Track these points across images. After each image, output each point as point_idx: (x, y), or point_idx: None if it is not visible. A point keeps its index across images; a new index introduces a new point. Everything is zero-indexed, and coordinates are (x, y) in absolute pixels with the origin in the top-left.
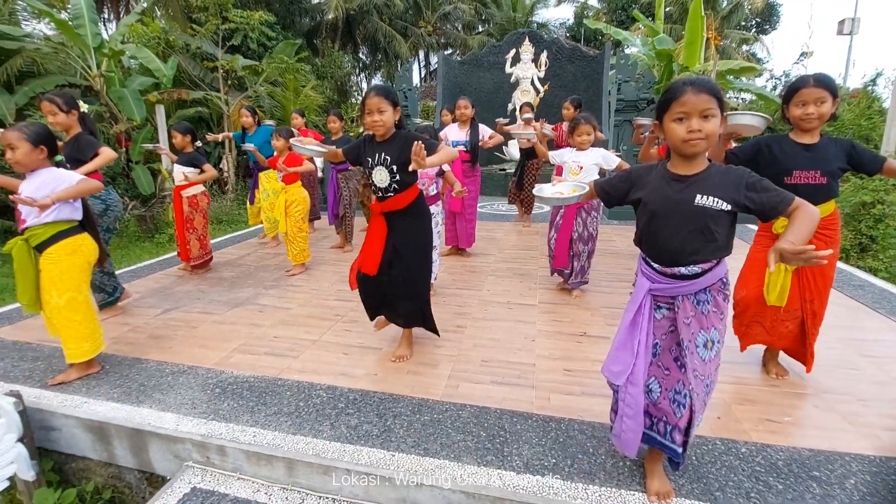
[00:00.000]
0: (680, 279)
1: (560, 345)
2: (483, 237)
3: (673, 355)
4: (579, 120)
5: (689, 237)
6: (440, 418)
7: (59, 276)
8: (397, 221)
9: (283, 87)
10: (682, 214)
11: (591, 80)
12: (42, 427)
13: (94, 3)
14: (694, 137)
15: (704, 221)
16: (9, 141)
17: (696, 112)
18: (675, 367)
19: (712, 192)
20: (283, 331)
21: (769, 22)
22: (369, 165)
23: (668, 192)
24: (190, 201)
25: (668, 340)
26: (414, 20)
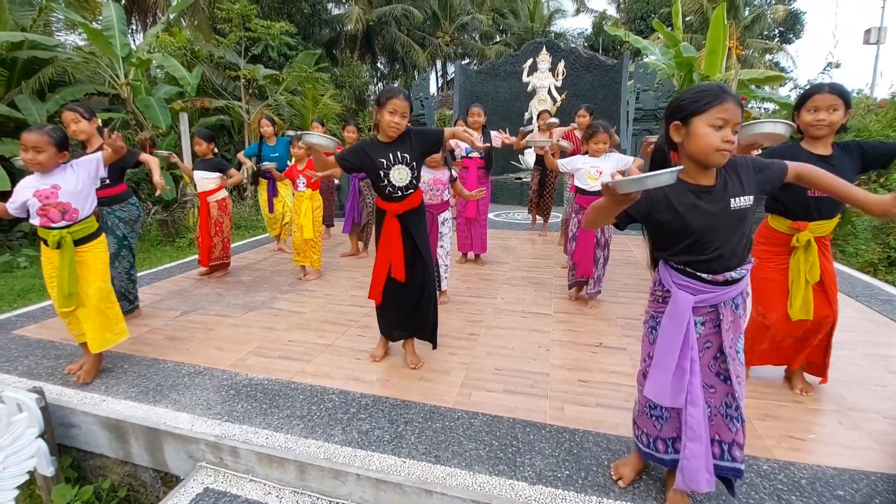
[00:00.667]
0: (730, 284)
1: (575, 355)
2: (498, 245)
3: (714, 370)
4: (598, 128)
5: (736, 241)
6: (452, 426)
7: (102, 267)
8: (412, 221)
9: (303, 96)
10: (726, 223)
11: (609, 90)
12: (62, 424)
13: (123, 15)
14: (728, 148)
15: (742, 222)
16: (34, 143)
17: (733, 123)
18: (720, 382)
19: (739, 192)
20: (297, 335)
21: (793, 31)
22: (384, 167)
23: (704, 207)
24: (219, 205)
25: (706, 357)
26: (432, 30)
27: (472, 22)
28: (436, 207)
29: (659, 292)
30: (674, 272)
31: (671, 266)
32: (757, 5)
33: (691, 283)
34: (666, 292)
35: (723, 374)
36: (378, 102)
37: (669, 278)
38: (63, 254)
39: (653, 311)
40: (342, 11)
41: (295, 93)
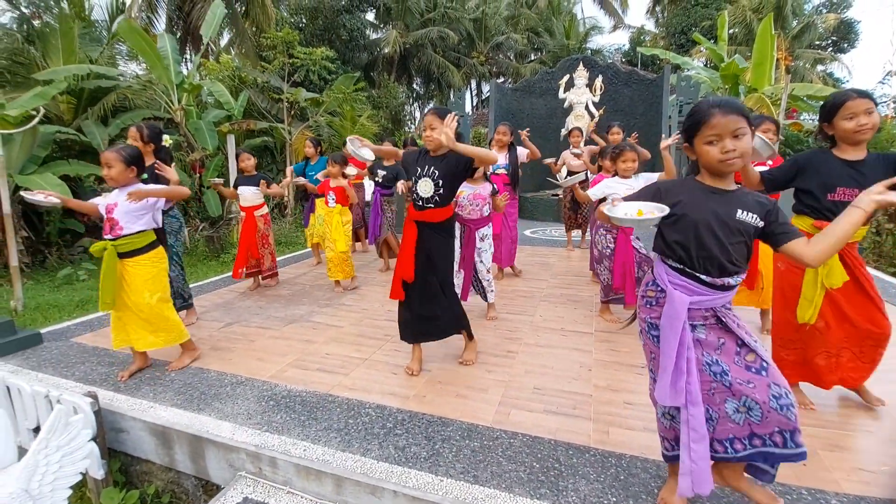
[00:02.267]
0: (724, 290)
1: (619, 376)
2: (535, 262)
3: (742, 365)
4: (624, 147)
5: (734, 249)
6: (490, 445)
7: (152, 279)
8: (429, 234)
9: (341, 117)
10: (728, 227)
11: (650, 104)
12: (113, 428)
13: (177, 46)
14: (730, 157)
15: (744, 235)
16: (107, 160)
17: (728, 133)
18: (755, 375)
19: (750, 209)
20: (334, 348)
21: (846, 40)
22: (417, 174)
23: (711, 205)
24: (265, 219)
25: (728, 354)
26: (467, 51)
27: (506, 42)
28: (475, 222)
29: (651, 293)
30: (671, 271)
31: (668, 265)
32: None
33: (687, 282)
34: (659, 292)
35: (754, 367)
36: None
37: (665, 277)
38: (105, 261)
39: (646, 316)
40: (380, 36)
41: (334, 114)
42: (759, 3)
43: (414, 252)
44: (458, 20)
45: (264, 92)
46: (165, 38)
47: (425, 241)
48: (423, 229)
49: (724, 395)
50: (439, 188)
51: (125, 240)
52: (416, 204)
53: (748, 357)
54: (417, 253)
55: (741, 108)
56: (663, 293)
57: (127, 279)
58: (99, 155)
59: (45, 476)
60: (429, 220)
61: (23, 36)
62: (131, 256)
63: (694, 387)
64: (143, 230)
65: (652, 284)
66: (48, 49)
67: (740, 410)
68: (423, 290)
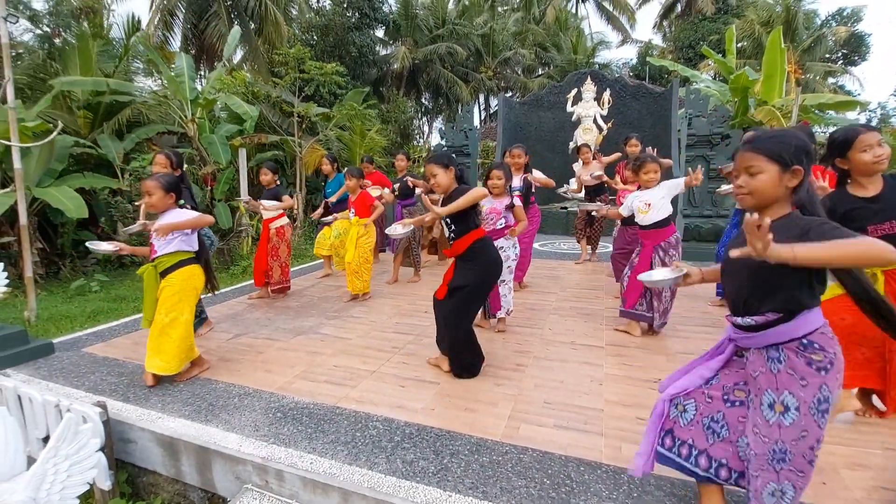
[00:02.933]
0: (742, 329)
1: (631, 391)
2: (544, 275)
3: (724, 390)
4: (645, 159)
5: (749, 287)
6: (500, 460)
7: (171, 297)
8: (458, 263)
9: (351, 131)
10: (742, 263)
11: (658, 117)
12: (121, 439)
13: (192, 63)
14: (738, 192)
15: (763, 271)
16: (148, 189)
17: (741, 169)
18: (720, 400)
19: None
20: (342, 360)
21: (857, 52)
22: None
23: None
24: (277, 232)
25: (730, 378)
26: (475, 66)
27: (514, 57)
28: (491, 234)
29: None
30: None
31: None
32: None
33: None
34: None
35: (728, 397)
36: None
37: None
38: (145, 280)
39: None
40: (389, 52)
41: (344, 128)
42: (767, 17)
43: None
44: (466, 36)
45: (275, 107)
46: (182, 56)
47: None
48: (455, 260)
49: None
50: (450, 225)
51: (160, 259)
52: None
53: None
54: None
55: (764, 147)
56: None
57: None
58: (114, 167)
59: (53, 485)
60: (454, 252)
61: (44, 53)
62: (166, 274)
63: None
64: (176, 251)
65: None
66: (68, 66)
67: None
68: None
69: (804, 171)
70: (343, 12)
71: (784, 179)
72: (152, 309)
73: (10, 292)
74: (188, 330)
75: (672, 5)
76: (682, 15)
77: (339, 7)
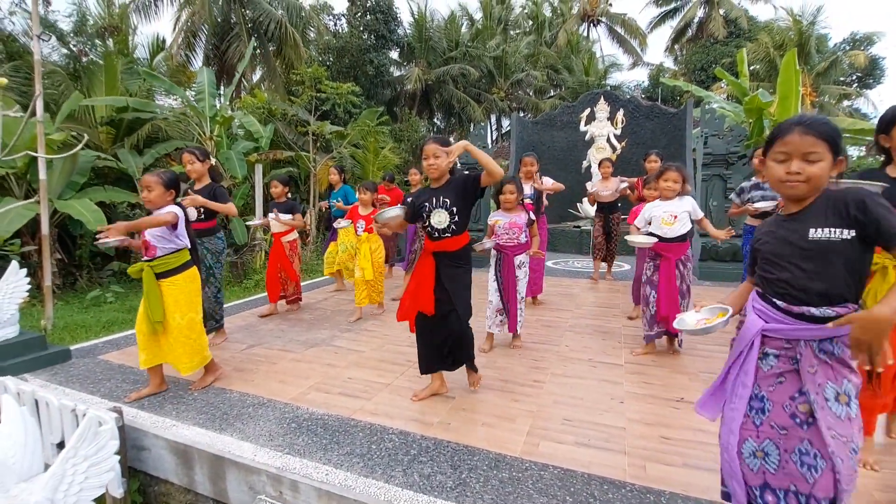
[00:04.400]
0: (808, 321)
1: (654, 409)
2: (559, 293)
3: (789, 412)
4: (669, 166)
5: (816, 275)
6: (520, 477)
7: (184, 299)
8: (445, 263)
9: (365, 149)
10: (801, 252)
11: (672, 137)
12: (134, 446)
13: (214, 80)
14: (792, 180)
15: (827, 257)
16: (147, 183)
17: (799, 154)
18: (795, 425)
19: (824, 222)
20: (356, 372)
21: (872, 76)
22: (427, 210)
23: (780, 233)
24: (290, 245)
25: (780, 394)
26: (487, 87)
27: (526, 78)
28: (511, 249)
29: (741, 316)
30: (754, 296)
31: (756, 290)
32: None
33: (765, 308)
34: (745, 316)
35: (799, 418)
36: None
37: (750, 301)
38: (145, 282)
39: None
40: (403, 73)
41: (358, 146)
42: (780, 40)
43: (433, 284)
44: (478, 58)
45: (291, 124)
46: (204, 72)
47: (443, 273)
48: (442, 259)
49: (747, 434)
50: (454, 216)
51: (160, 260)
52: (433, 236)
53: (801, 407)
54: (436, 285)
55: (826, 131)
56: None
57: (166, 301)
58: (133, 182)
59: (70, 486)
60: (446, 249)
61: (70, 71)
62: (167, 276)
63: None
64: (177, 250)
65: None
66: (93, 83)
67: (757, 455)
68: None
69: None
70: (360, 34)
71: (832, 170)
72: (160, 308)
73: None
74: (202, 327)
75: (683, 29)
76: (693, 38)
77: (355, 30)
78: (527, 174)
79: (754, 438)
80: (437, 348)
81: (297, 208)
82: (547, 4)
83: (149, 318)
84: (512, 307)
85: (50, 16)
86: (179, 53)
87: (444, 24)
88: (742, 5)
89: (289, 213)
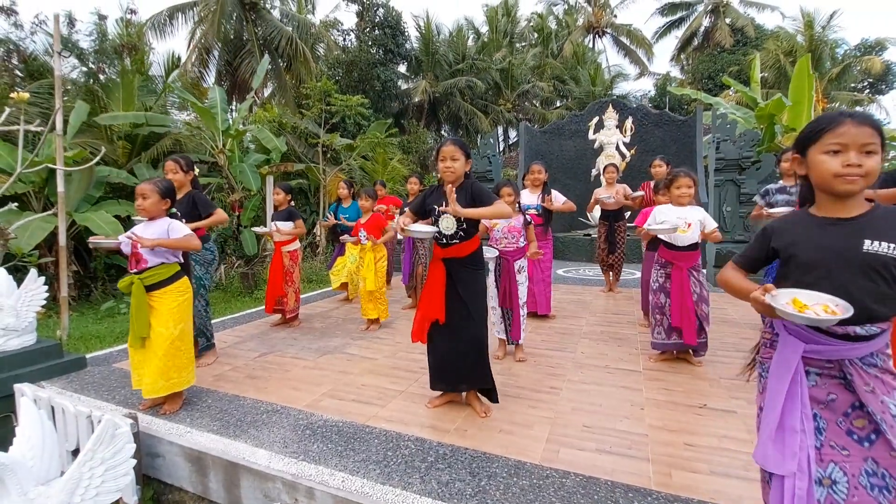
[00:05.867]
0: (851, 340)
1: (676, 416)
2: (571, 300)
3: (844, 428)
4: (679, 173)
5: (863, 292)
6: (541, 484)
7: (176, 310)
8: (457, 269)
9: (373, 161)
10: (849, 264)
11: (682, 144)
12: (149, 453)
13: (225, 97)
14: (852, 173)
15: (879, 272)
16: (143, 191)
17: (856, 145)
18: (854, 443)
19: (884, 235)
20: (370, 379)
21: (884, 81)
22: (436, 213)
23: (824, 240)
24: (291, 255)
25: (832, 412)
26: (494, 99)
27: (532, 89)
28: (511, 254)
29: (768, 335)
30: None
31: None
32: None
33: (803, 329)
34: (775, 335)
35: (857, 434)
36: (435, 156)
37: (780, 324)
38: (133, 296)
39: (761, 357)
40: (410, 86)
41: (366, 157)
42: (789, 46)
43: (444, 291)
44: (485, 70)
45: (301, 137)
46: (216, 90)
47: (455, 279)
48: (451, 265)
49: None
50: (462, 222)
51: (150, 272)
52: (441, 242)
53: (857, 422)
54: (448, 292)
55: (877, 124)
56: (778, 336)
57: (153, 313)
58: None
59: (87, 490)
60: (456, 255)
61: (89, 89)
62: (157, 288)
63: (805, 453)
64: (166, 262)
65: (769, 326)
66: (111, 100)
67: (823, 483)
68: (457, 331)
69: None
70: (368, 49)
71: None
72: (146, 324)
73: (44, 312)
74: (192, 340)
75: (689, 38)
76: (699, 47)
77: (364, 45)
78: (534, 182)
79: (818, 463)
80: (451, 363)
81: (297, 215)
82: (552, 17)
83: (134, 332)
84: (514, 314)
85: (73, 36)
86: (193, 70)
87: (450, 37)
88: (748, 14)
89: (289, 221)
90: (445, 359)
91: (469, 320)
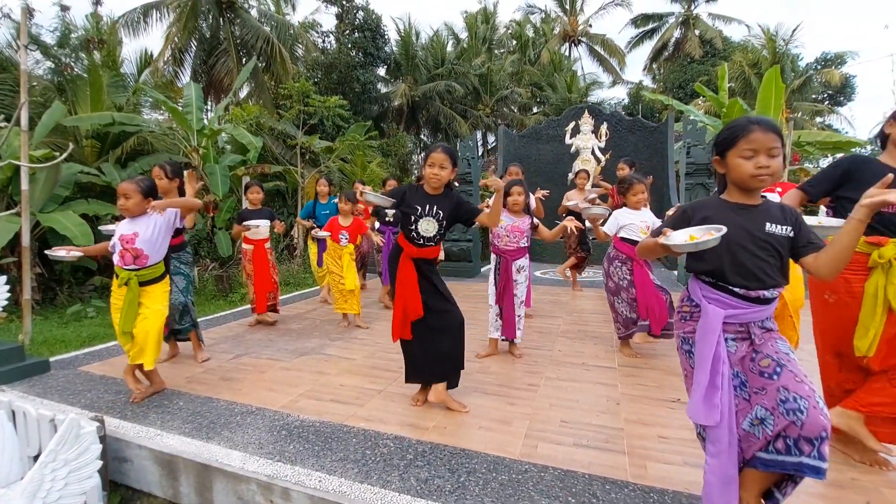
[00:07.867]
0: (761, 303)
1: (650, 410)
2: (548, 301)
3: (758, 370)
4: (632, 180)
5: (767, 263)
6: (520, 479)
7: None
8: (427, 269)
9: (352, 163)
10: (757, 241)
11: (654, 150)
12: (116, 458)
13: (201, 94)
14: (762, 173)
15: (776, 248)
16: (125, 191)
17: (765, 149)
18: (768, 381)
19: (778, 220)
20: (348, 379)
21: (843, 94)
22: (417, 213)
23: (739, 221)
24: (270, 252)
25: (748, 364)
26: (473, 103)
27: (511, 95)
28: (510, 253)
29: (686, 308)
30: (704, 286)
31: (702, 280)
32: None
33: (722, 296)
34: (694, 307)
35: (766, 372)
36: (424, 158)
37: (699, 292)
38: (128, 293)
39: (682, 331)
40: (390, 89)
41: (345, 160)
42: (754, 58)
43: (417, 285)
44: (464, 75)
45: (279, 138)
46: (192, 86)
47: (426, 277)
48: (421, 265)
49: (745, 411)
50: (442, 228)
51: (149, 270)
52: (416, 242)
53: (763, 362)
54: (422, 287)
55: (778, 129)
56: (698, 308)
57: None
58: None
59: (49, 493)
60: (427, 256)
61: (55, 85)
62: (148, 285)
63: (724, 405)
64: (160, 261)
65: (687, 300)
66: (79, 97)
67: (755, 423)
68: (435, 324)
69: None
70: (348, 51)
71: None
72: (133, 321)
73: (6, 317)
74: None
75: (661, 49)
76: (670, 58)
77: (344, 47)
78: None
79: (748, 411)
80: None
81: (275, 216)
82: (530, 25)
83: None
84: (507, 312)
85: (33, 29)
86: (167, 69)
87: (430, 42)
88: (717, 26)
89: (269, 220)
90: (429, 350)
91: (449, 304)
